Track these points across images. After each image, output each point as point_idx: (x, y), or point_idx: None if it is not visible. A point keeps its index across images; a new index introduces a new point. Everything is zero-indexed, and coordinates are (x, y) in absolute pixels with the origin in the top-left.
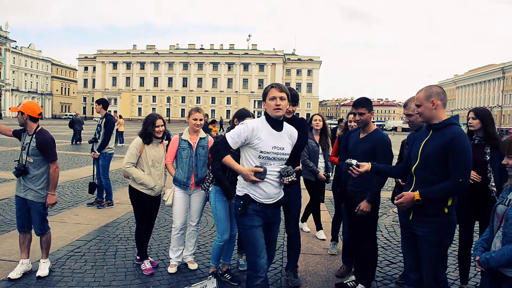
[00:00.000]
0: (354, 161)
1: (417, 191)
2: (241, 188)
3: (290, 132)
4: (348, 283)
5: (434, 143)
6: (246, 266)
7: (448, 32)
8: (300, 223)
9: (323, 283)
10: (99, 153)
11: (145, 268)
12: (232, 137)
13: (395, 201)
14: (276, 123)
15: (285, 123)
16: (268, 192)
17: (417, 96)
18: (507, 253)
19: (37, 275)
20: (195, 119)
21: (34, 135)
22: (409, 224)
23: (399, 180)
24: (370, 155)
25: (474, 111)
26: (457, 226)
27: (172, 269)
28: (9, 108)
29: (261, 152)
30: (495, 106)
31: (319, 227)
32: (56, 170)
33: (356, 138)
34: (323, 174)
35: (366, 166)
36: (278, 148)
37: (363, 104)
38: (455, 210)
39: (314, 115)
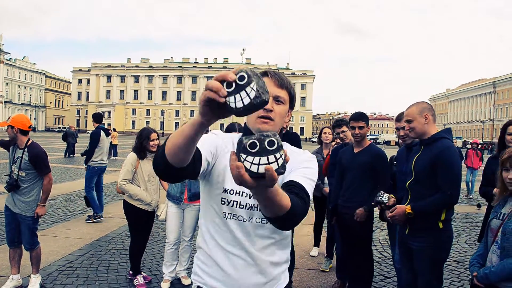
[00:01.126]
0: (385, 197)
1: (409, 205)
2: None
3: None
4: None
5: (424, 158)
6: None
7: (440, 46)
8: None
9: None
10: (85, 165)
11: (138, 283)
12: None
13: (388, 215)
14: None
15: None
16: (237, 278)
17: (409, 112)
18: (507, 266)
19: None
20: None
21: (25, 149)
22: (405, 239)
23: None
24: (368, 169)
25: None
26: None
27: (165, 285)
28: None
29: (225, 191)
30: (487, 120)
31: (316, 243)
32: (50, 182)
33: (350, 152)
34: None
35: (402, 208)
36: None
37: (362, 118)
38: (451, 224)
39: (324, 128)
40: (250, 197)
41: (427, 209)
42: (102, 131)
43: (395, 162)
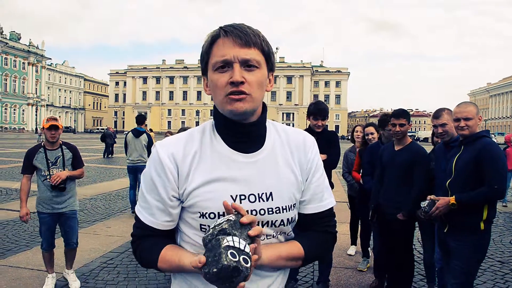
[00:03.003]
0: (426, 203)
1: (453, 196)
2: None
3: (292, 145)
4: None
5: (467, 156)
6: None
7: (479, 40)
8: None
9: None
10: None
11: None
12: (144, 206)
13: (430, 212)
14: (239, 131)
15: (274, 125)
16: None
17: (468, 110)
18: None
19: (73, 287)
20: None
21: (63, 147)
22: (443, 237)
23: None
24: (408, 167)
25: None
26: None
27: None
28: (59, 126)
29: (202, 216)
30: None
31: (353, 242)
32: (83, 173)
33: (391, 150)
34: None
35: (446, 199)
36: (255, 198)
37: (403, 115)
38: (491, 227)
39: (356, 126)
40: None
41: (472, 201)
42: (130, 132)
43: (433, 161)
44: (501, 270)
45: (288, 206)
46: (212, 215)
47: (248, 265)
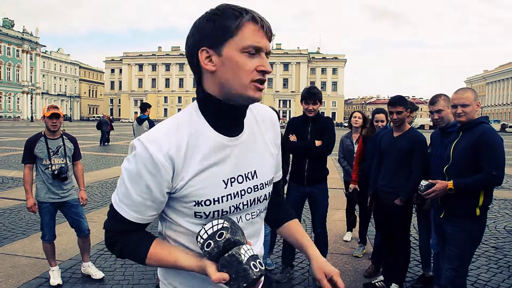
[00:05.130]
0: (423, 184)
1: (451, 181)
2: (165, 279)
3: (267, 122)
4: (376, 283)
5: (465, 142)
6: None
7: (477, 28)
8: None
9: (351, 283)
10: None
11: None
12: (128, 203)
13: (424, 192)
14: (234, 116)
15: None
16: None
17: (466, 96)
18: None
19: (97, 278)
20: None
21: (63, 137)
22: (439, 222)
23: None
24: (407, 154)
25: None
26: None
27: None
28: (60, 114)
29: (197, 204)
30: None
31: (349, 228)
32: (82, 165)
33: (390, 137)
34: None
35: (444, 184)
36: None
37: (400, 102)
38: (487, 213)
39: (354, 112)
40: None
41: (470, 187)
42: (135, 120)
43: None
44: (495, 256)
45: (269, 180)
46: (208, 202)
47: (263, 267)
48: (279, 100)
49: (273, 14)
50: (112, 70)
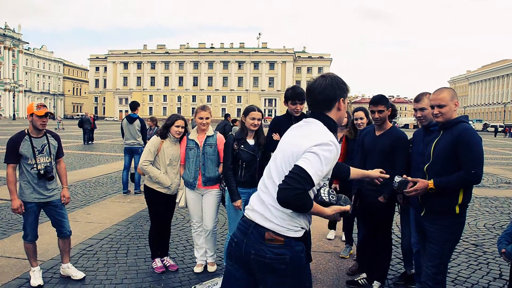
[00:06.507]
0: (397, 181)
1: (432, 180)
2: (295, 225)
3: None
4: (359, 281)
5: (445, 141)
6: None
7: (461, 29)
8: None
9: (334, 281)
10: None
11: (156, 266)
12: (319, 174)
13: (406, 189)
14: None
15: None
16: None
17: (442, 97)
18: None
19: (78, 279)
20: (201, 118)
21: (47, 135)
22: (420, 220)
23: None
24: (389, 152)
25: None
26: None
27: (198, 269)
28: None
29: (327, 179)
30: (509, 102)
31: (332, 227)
32: (64, 163)
33: (372, 135)
34: None
35: (425, 183)
36: None
37: (381, 101)
38: (466, 211)
39: (357, 111)
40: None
41: (450, 186)
42: (125, 119)
43: (411, 145)
44: (474, 253)
45: None
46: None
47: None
48: (265, 99)
49: (259, 13)
50: (97, 68)
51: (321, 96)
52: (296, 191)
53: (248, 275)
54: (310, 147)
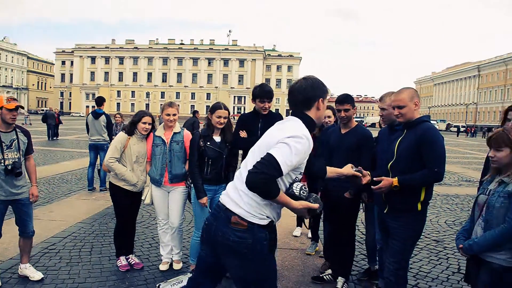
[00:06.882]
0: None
1: (396, 177)
2: (260, 212)
3: None
4: (324, 277)
5: (408, 140)
6: None
7: (427, 31)
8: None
9: (299, 277)
10: None
11: (120, 264)
12: (288, 164)
13: (372, 187)
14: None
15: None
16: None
17: (400, 98)
18: (488, 237)
19: (36, 279)
20: (168, 114)
21: (17, 130)
22: (383, 218)
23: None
24: (354, 150)
25: None
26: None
27: (163, 267)
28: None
29: (300, 173)
30: (471, 104)
31: (299, 224)
32: (34, 161)
33: (338, 133)
34: None
35: (389, 180)
36: None
37: (347, 100)
38: (427, 208)
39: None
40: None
41: (414, 183)
42: (90, 114)
43: (375, 144)
44: (436, 248)
45: None
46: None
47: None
48: (234, 97)
49: (230, 10)
50: (63, 62)
51: (301, 96)
52: (263, 175)
53: (217, 259)
54: (283, 138)
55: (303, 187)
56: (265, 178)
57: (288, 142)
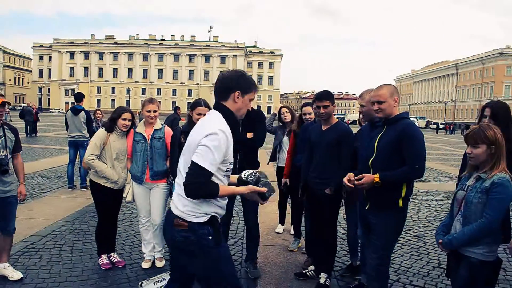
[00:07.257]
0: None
1: (377, 174)
2: (197, 211)
3: None
4: (307, 273)
5: (389, 136)
6: None
7: (407, 29)
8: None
9: (282, 273)
10: None
11: (102, 262)
12: (213, 163)
13: (355, 182)
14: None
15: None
16: (224, 203)
17: (380, 93)
18: (467, 232)
19: (15, 279)
20: (149, 111)
21: (4, 127)
22: (364, 214)
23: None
24: (335, 146)
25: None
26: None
27: (146, 264)
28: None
29: (230, 164)
30: (449, 101)
31: (281, 221)
32: (22, 158)
33: (319, 130)
34: None
35: (371, 177)
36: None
37: (327, 97)
38: (408, 204)
39: (281, 107)
40: None
41: (395, 179)
42: (69, 110)
43: (357, 139)
44: (416, 244)
45: None
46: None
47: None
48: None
49: (211, 6)
50: (41, 57)
51: (219, 84)
52: (197, 185)
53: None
54: (200, 140)
55: (253, 174)
56: (199, 187)
57: (205, 144)
